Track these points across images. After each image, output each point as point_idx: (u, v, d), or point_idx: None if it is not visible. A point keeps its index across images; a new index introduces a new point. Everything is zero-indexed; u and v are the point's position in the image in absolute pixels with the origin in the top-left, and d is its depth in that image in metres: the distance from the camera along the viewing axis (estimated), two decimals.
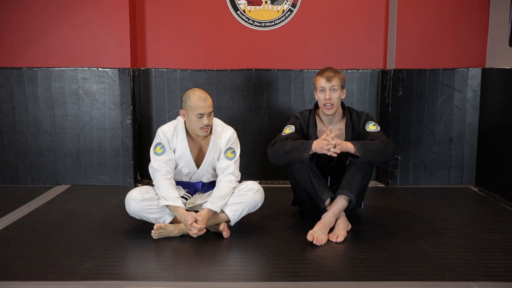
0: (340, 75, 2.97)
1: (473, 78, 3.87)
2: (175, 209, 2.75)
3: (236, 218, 2.84)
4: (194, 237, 2.71)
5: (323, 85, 2.92)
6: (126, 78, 3.80)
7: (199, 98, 2.78)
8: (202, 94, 2.81)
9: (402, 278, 2.28)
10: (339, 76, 2.96)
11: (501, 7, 3.66)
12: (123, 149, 3.87)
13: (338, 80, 2.94)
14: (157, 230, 2.71)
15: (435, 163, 3.95)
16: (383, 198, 3.65)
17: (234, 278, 2.29)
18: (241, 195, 2.84)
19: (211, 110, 2.82)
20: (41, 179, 3.89)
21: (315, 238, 2.68)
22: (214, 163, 2.95)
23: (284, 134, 2.98)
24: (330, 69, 2.98)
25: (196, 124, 2.81)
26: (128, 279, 2.25)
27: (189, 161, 2.92)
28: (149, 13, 3.97)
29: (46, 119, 3.85)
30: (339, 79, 2.94)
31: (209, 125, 2.83)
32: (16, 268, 2.36)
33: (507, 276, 2.29)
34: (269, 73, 3.98)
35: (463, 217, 3.18)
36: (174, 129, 2.93)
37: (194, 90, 2.84)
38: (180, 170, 2.97)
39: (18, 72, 3.81)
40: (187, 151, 2.90)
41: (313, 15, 4.00)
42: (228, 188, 2.85)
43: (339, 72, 2.99)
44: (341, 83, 2.95)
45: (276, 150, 2.90)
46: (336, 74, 2.95)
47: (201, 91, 2.84)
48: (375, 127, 2.99)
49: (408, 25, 3.82)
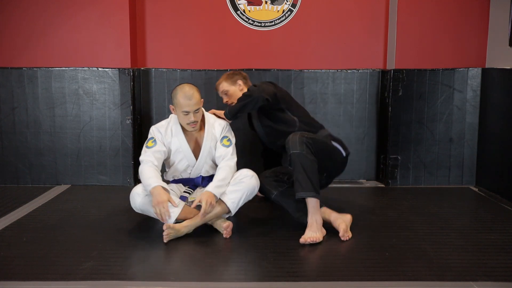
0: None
1: (473, 78, 3.87)
2: (155, 189, 2.70)
3: (236, 207, 2.87)
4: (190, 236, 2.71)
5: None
6: (126, 78, 3.80)
7: (185, 96, 2.82)
8: (189, 91, 2.84)
9: (402, 278, 2.28)
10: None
11: (501, 7, 3.66)
12: (123, 149, 3.87)
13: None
14: (167, 230, 2.66)
15: (435, 163, 3.95)
16: (383, 198, 3.65)
17: (234, 278, 2.29)
18: (237, 183, 2.87)
19: (197, 107, 2.85)
20: (41, 179, 3.89)
21: (308, 238, 2.67)
22: (212, 153, 2.99)
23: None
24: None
25: (183, 121, 2.88)
26: (128, 279, 2.25)
27: (187, 152, 2.96)
28: (149, 13, 3.98)
29: (46, 119, 3.85)
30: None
31: (196, 121, 2.88)
32: (16, 268, 2.36)
33: (507, 276, 2.29)
34: (269, 73, 3.98)
35: (463, 217, 3.18)
36: (168, 124, 2.99)
37: (182, 87, 2.87)
38: (177, 166, 2.99)
39: (18, 72, 3.81)
40: (184, 143, 2.94)
41: (313, 15, 4.00)
42: (228, 171, 2.89)
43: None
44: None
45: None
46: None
47: (190, 87, 2.87)
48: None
49: (408, 25, 3.82)
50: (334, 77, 4.01)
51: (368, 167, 4.11)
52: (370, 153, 4.10)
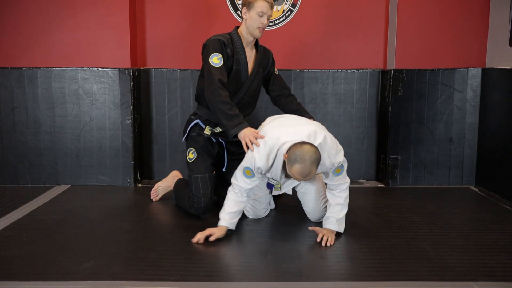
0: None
1: (473, 78, 3.87)
2: (221, 227, 2.73)
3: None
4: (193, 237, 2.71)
5: (265, 11, 3.00)
6: (126, 78, 3.80)
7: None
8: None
9: (402, 278, 2.28)
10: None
11: (501, 7, 3.66)
12: (123, 149, 3.87)
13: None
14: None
15: (435, 163, 3.95)
16: (383, 198, 3.65)
17: (234, 278, 2.29)
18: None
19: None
20: (41, 179, 3.89)
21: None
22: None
23: (215, 66, 2.96)
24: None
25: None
26: (128, 279, 2.25)
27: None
28: (149, 13, 3.97)
29: (46, 119, 3.85)
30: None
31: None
32: (16, 268, 2.36)
33: (507, 276, 2.29)
34: None
35: (463, 217, 3.18)
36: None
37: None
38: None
39: (18, 72, 3.81)
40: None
41: (313, 15, 4.00)
42: (345, 202, 2.81)
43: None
44: None
45: (220, 100, 2.87)
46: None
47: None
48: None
49: (408, 25, 3.82)
50: (334, 77, 4.01)
51: (368, 167, 4.11)
52: (370, 153, 4.10)
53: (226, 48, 3.02)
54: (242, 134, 2.78)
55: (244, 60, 3.09)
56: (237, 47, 3.07)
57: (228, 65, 3.04)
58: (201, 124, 3.13)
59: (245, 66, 3.09)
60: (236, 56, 3.06)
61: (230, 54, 3.04)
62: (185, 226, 2.96)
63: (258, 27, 3.01)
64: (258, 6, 2.98)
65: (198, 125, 3.14)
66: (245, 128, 2.79)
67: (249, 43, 3.12)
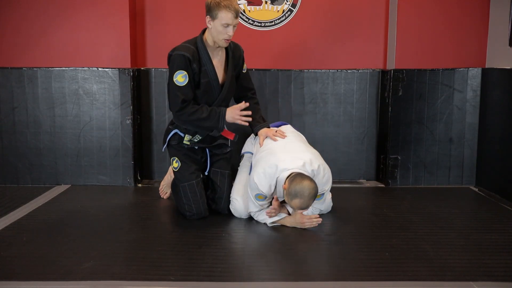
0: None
1: (473, 78, 3.87)
2: (281, 220, 2.93)
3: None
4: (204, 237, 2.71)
5: (230, 22, 2.87)
6: (126, 78, 3.80)
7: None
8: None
9: (402, 278, 2.28)
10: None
11: (501, 7, 3.66)
12: (123, 149, 3.87)
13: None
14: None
15: (435, 163, 3.95)
16: (383, 198, 3.65)
17: (234, 278, 2.29)
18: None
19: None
20: (41, 179, 3.89)
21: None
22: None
23: (180, 85, 2.93)
24: (235, 3, 2.90)
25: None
26: (128, 279, 2.25)
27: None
28: (149, 13, 3.97)
29: (46, 119, 3.85)
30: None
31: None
32: (16, 268, 2.36)
33: (507, 276, 2.29)
34: (269, 73, 3.98)
35: (463, 217, 3.18)
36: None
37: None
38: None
39: (18, 72, 3.81)
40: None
41: (313, 15, 4.00)
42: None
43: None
44: None
45: (189, 115, 2.94)
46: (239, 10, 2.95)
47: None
48: (245, 66, 3.18)
49: (408, 25, 3.82)
50: (334, 77, 4.01)
51: (368, 167, 4.11)
52: (370, 153, 4.10)
53: (192, 64, 2.92)
54: (229, 119, 2.94)
55: (211, 71, 2.99)
56: (203, 59, 2.97)
57: (196, 80, 2.98)
58: (180, 133, 3.12)
59: (213, 76, 3.01)
60: (204, 67, 2.98)
61: (197, 69, 2.95)
62: (185, 226, 2.96)
63: (224, 38, 2.90)
64: (223, 17, 2.84)
65: (177, 134, 3.13)
66: (226, 114, 2.94)
67: (216, 48, 3.03)
